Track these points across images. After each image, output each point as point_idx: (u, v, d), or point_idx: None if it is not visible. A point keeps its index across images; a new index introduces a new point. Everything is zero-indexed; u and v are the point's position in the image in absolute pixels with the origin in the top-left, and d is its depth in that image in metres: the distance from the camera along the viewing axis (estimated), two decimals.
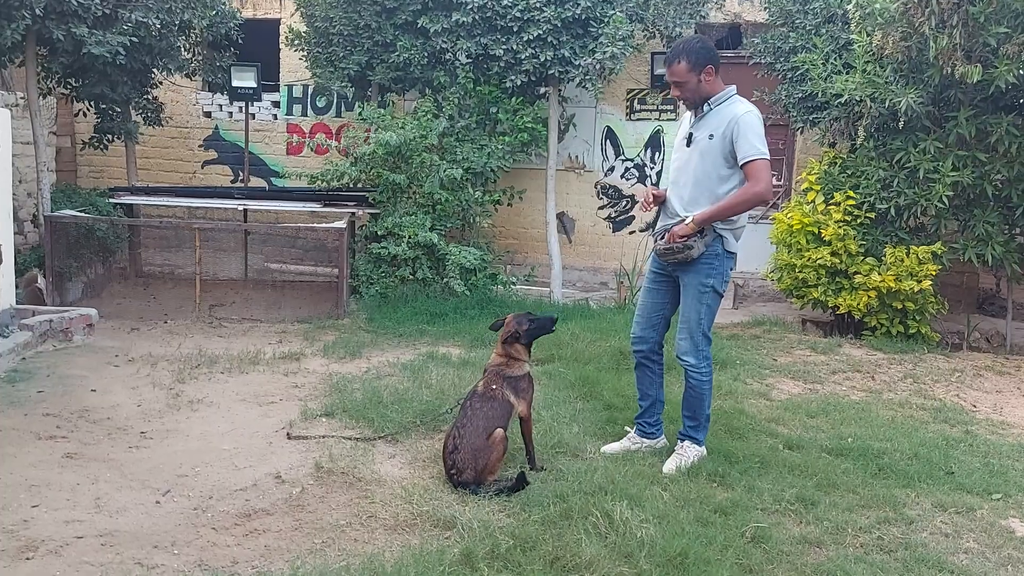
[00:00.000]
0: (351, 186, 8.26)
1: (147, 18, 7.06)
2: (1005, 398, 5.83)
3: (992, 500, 3.90)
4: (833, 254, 6.98)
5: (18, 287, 6.77)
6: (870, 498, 3.80)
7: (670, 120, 10.06)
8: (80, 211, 7.67)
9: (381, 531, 3.32)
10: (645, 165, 10.28)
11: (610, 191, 10.43)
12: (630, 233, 10.28)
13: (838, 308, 7.12)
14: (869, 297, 6.87)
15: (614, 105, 10.22)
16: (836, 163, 7.55)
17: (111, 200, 8.26)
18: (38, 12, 6.52)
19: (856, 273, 6.94)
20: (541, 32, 8.12)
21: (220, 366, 5.62)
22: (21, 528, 3.23)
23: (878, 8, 6.47)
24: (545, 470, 3.91)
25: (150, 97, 8.84)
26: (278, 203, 8.92)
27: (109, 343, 6.19)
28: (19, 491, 3.56)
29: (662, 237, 4.02)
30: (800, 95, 8.08)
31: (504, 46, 8.28)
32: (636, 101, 10.22)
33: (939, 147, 6.71)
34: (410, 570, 2.91)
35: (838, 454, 4.34)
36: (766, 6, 8.58)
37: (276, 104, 11.14)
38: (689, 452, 4.07)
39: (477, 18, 8.22)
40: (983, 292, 9.13)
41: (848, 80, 6.84)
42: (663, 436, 4.32)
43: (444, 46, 8.44)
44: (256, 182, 10.85)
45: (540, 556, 3.05)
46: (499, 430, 3.72)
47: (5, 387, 4.96)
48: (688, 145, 4.03)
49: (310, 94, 10.84)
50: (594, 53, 8.06)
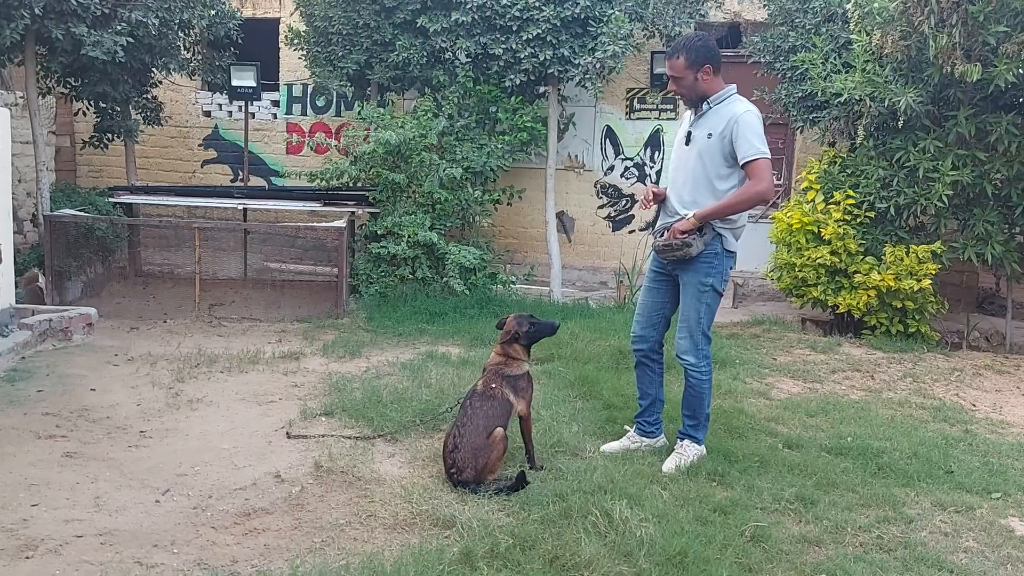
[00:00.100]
0: (351, 185, 8.26)
1: (146, 17, 7.05)
2: (1005, 397, 5.83)
3: (991, 499, 3.90)
4: (833, 253, 6.98)
5: (18, 286, 6.78)
6: (869, 497, 3.80)
7: (670, 119, 10.06)
8: (79, 210, 7.67)
9: (380, 530, 3.32)
10: (645, 164, 10.28)
11: (610, 190, 10.44)
12: (630, 232, 10.28)
13: (838, 307, 7.12)
14: (869, 296, 6.87)
15: (614, 104, 10.22)
16: (836, 162, 7.55)
17: (111, 199, 8.26)
18: (37, 11, 6.51)
19: (856, 272, 6.93)
20: (540, 31, 8.12)
21: (219, 365, 5.62)
22: (21, 527, 3.23)
23: (877, 7, 6.47)
24: (544, 469, 3.91)
25: (150, 96, 8.84)
26: (278, 202, 8.91)
27: (109, 342, 6.19)
28: (19, 490, 3.56)
29: (662, 235, 4.03)
30: (800, 94, 8.08)
31: (503, 45, 8.28)
32: (636, 100, 10.22)
33: (939, 146, 6.70)
34: (409, 569, 2.92)
35: (837, 453, 4.35)
36: (765, 5, 8.58)
37: (276, 103, 11.14)
38: (689, 451, 4.07)
39: (476, 17, 8.22)
40: (983, 291, 9.13)
41: (848, 79, 6.84)
42: (663, 435, 4.33)
43: (443, 45, 8.44)
44: (256, 181, 10.85)
45: (539, 555, 3.05)
46: (499, 429, 3.72)
47: (5, 386, 4.96)
48: (687, 144, 4.04)
49: (310, 93, 10.84)
50: (594, 52, 8.06)
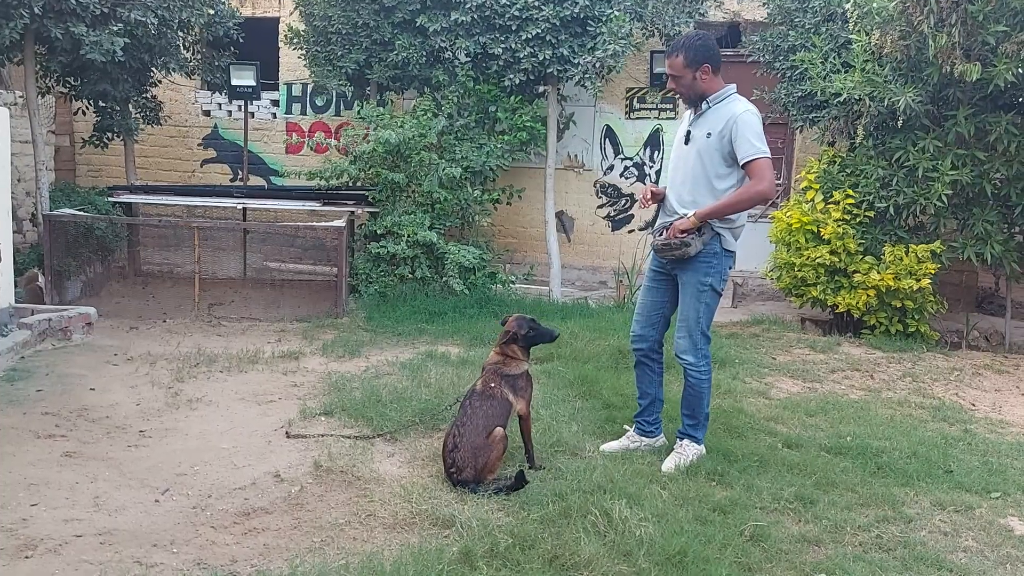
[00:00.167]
0: (350, 185, 8.26)
1: (145, 17, 7.05)
2: (1004, 397, 5.83)
3: (991, 499, 3.90)
4: (832, 253, 6.99)
5: (17, 286, 6.77)
6: (869, 496, 3.81)
7: (669, 119, 10.06)
8: (79, 210, 7.67)
9: (380, 530, 3.32)
10: (644, 164, 10.28)
11: (609, 190, 10.44)
12: (629, 232, 10.28)
13: (837, 307, 7.12)
14: (868, 296, 6.87)
15: (613, 104, 10.21)
16: (835, 162, 7.55)
17: (110, 199, 8.25)
18: (36, 11, 6.51)
19: (855, 272, 6.93)
20: (539, 31, 8.12)
21: (219, 365, 5.62)
22: (20, 527, 3.23)
23: (876, 7, 6.47)
24: (544, 469, 3.91)
25: (149, 96, 8.84)
26: (277, 202, 8.91)
27: (108, 342, 6.19)
28: (18, 490, 3.56)
29: (660, 234, 4.03)
30: (799, 94, 8.08)
31: (503, 45, 8.28)
32: (635, 100, 10.22)
33: (938, 146, 6.70)
34: (409, 568, 2.92)
35: (837, 453, 4.35)
36: (765, 4, 8.58)
37: (275, 103, 11.14)
38: (688, 451, 4.07)
39: (476, 17, 8.22)
40: (982, 291, 9.13)
41: (847, 79, 6.84)
42: (662, 435, 4.33)
43: (443, 45, 8.43)
44: (255, 181, 10.85)
45: (539, 555, 3.05)
46: (499, 429, 3.72)
47: (4, 386, 4.96)
48: (687, 143, 4.04)
49: (309, 93, 10.84)
50: (594, 51, 8.06)
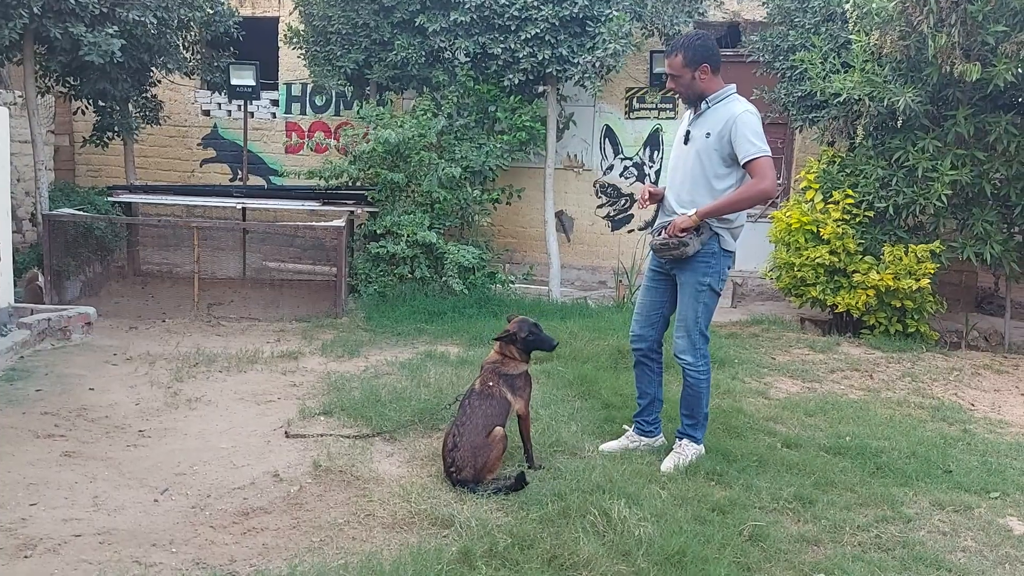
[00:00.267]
0: (350, 184, 8.26)
1: (144, 16, 7.05)
2: (1003, 397, 5.83)
3: (990, 498, 3.90)
4: (832, 253, 6.99)
5: (17, 286, 6.77)
6: (868, 496, 3.81)
7: (669, 119, 10.06)
8: (78, 210, 7.66)
9: (379, 529, 3.32)
10: (644, 164, 10.28)
11: (609, 190, 10.43)
12: (628, 232, 10.27)
13: (836, 307, 7.12)
14: (868, 296, 6.87)
15: (613, 104, 10.21)
16: (835, 162, 7.55)
17: (109, 199, 8.25)
18: (36, 11, 6.50)
19: (855, 272, 6.94)
20: (539, 31, 8.11)
21: (218, 365, 5.62)
22: (20, 526, 3.23)
23: (876, 7, 6.47)
24: (543, 468, 3.91)
25: (149, 95, 8.83)
26: (277, 202, 8.90)
27: (107, 342, 6.19)
28: (17, 489, 3.56)
29: (659, 234, 4.03)
30: (799, 94, 8.08)
31: (502, 45, 8.28)
32: (635, 100, 10.22)
33: (938, 146, 6.71)
34: (408, 568, 2.92)
35: (836, 453, 4.35)
36: (765, 4, 8.58)
37: (275, 102, 11.13)
38: (687, 450, 4.07)
39: (475, 17, 8.22)
40: (981, 291, 9.13)
41: (847, 79, 6.84)
42: (661, 434, 4.33)
43: (442, 45, 8.43)
44: (255, 181, 10.84)
45: (538, 554, 3.05)
46: (499, 428, 3.73)
47: (3, 386, 4.96)
48: (686, 143, 4.04)
49: (308, 92, 10.84)
50: (593, 51, 8.06)
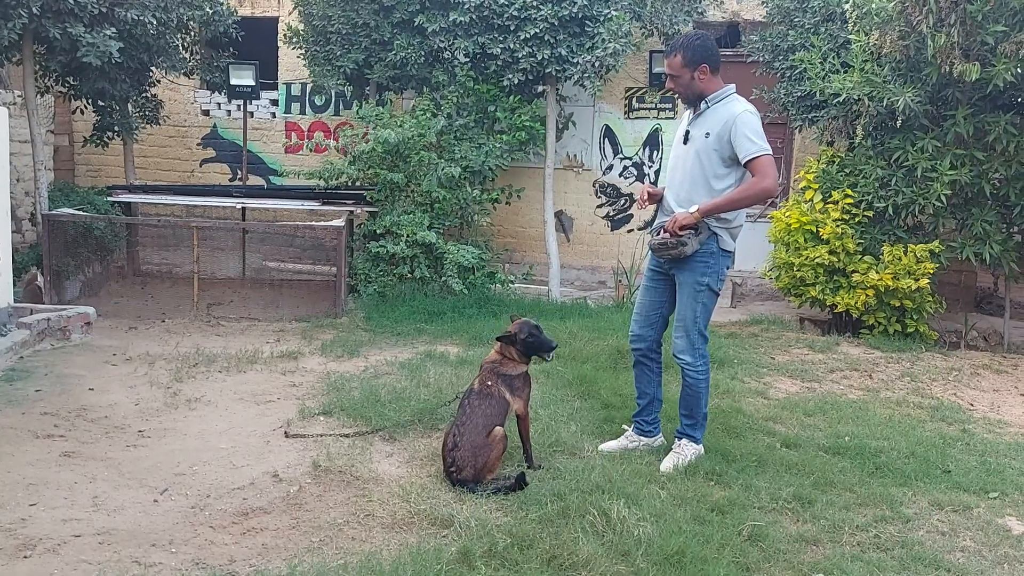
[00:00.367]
0: (349, 184, 8.26)
1: (143, 16, 7.05)
2: (1002, 397, 5.84)
3: (989, 498, 3.91)
4: (831, 252, 6.99)
5: (16, 286, 6.76)
6: (867, 496, 3.81)
7: (669, 118, 10.06)
8: (78, 210, 7.66)
9: (378, 529, 3.32)
10: (643, 164, 10.28)
11: (608, 190, 10.43)
12: (628, 231, 10.27)
13: (836, 307, 7.12)
14: (867, 296, 6.87)
15: (612, 104, 10.21)
16: (834, 162, 7.55)
17: (109, 198, 8.24)
18: (35, 11, 6.50)
19: (854, 272, 6.94)
20: (538, 31, 8.11)
21: (218, 365, 5.62)
22: (19, 526, 3.24)
23: (875, 7, 6.47)
24: (542, 468, 3.91)
25: (148, 95, 8.83)
26: (276, 201, 8.91)
27: (107, 342, 6.19)
28: (17, 490, 3.56)
29: (658, 233, 4.03)
30: (798, 93, 8.08)
31: (501, 45, 8.28)
32: (634, 99, 10.22)
33: (937, 146, 6.71)
34: (407, 568, 2.92)
35: (835, 453, 4.35)
36: (764, 3, 8.58)
37: (274, 102, 11.14)
38: (686, 450, 4.07)
39: (474, 17, 8.21)
40: (981, 291, 9.14)
41: (846, 79, 6.84)
42: (661, 434, 4.33)
43: (442, 45, 8.43)
44: (254, 180, 10.84)
45: (537, 554, 3.06)
46: (499, 428, 3.73)
47: (3, 386, 4.96)
48: (685, 143, 4.05)
49: (308, 92, 10.84)
50: (592, 51, 8.06)
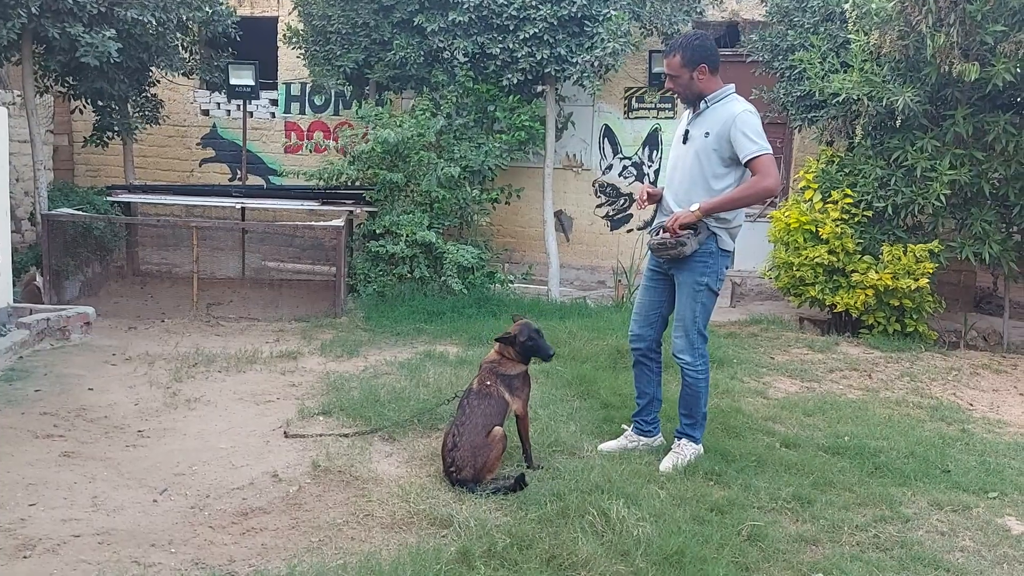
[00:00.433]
0: (349, 184, 8.26)
1: (142, 16, 7.05)
2: (1002, 397, 5.84)
3: (988, 498, 3.91)
4: (831, 252, 6.99)
5: (16, 286, 6.76)
6: (866, 496, 3.81)
7: (668, 118, 10.06)
8: (77, 209, 7.66)
9: (378, 529, 3.32)
10: (643, 163, 10.28)
11: (608, 189, 10.43)
12: (627, 231, 10.27)
13: (835, 306, 7.12)
14: (866, 295, 6.87)
15: (612, 103, 10.21)
16: (834, 161, 7.55)
17: (108, 198, 8.24)
18: (34, 10, 6.50)
19: (853, 271, 6.94)
20: (537, 31, 8.11)
21: (217, 365, 5.62)
22: (19, 527, 3.23)
23: (875, 7, 6.47)
24: (542, 468, 3.91)
25: (148, 95, 8.83)
26: (276, 201, 8.90)
27: (106, 342, 6.19)
28: (16, 490, 3.56)
29: (657, 233, 4.03)
30: (798, 93, 8.07)
31: (501, 45, 8.28)
32: (634, 99, 10.22)
33: (936, 146, 6.71)
34: (407, 568, 2.92)
35: (835, 452, 4.35)
36: (764, 3, 8.58)
37: (274, 102, 11.13)
38: (686, 450, 4.08)
39: (473, 17, 8.22)
40: (980, 291, 9.14)
41: (845, 79, 6.84)
42: (660, 434, 4.33)
43: (441, 45, 8.43)
44: (254, 180, 10.83)
45: (537, 554, 3.06)
46: (498, 428, 3.73)
47: (2, 386, 4.96)
48: (684, 143, 4.05)
49: (308, 92, 10.84)
50: (592, 51, 8.06)
